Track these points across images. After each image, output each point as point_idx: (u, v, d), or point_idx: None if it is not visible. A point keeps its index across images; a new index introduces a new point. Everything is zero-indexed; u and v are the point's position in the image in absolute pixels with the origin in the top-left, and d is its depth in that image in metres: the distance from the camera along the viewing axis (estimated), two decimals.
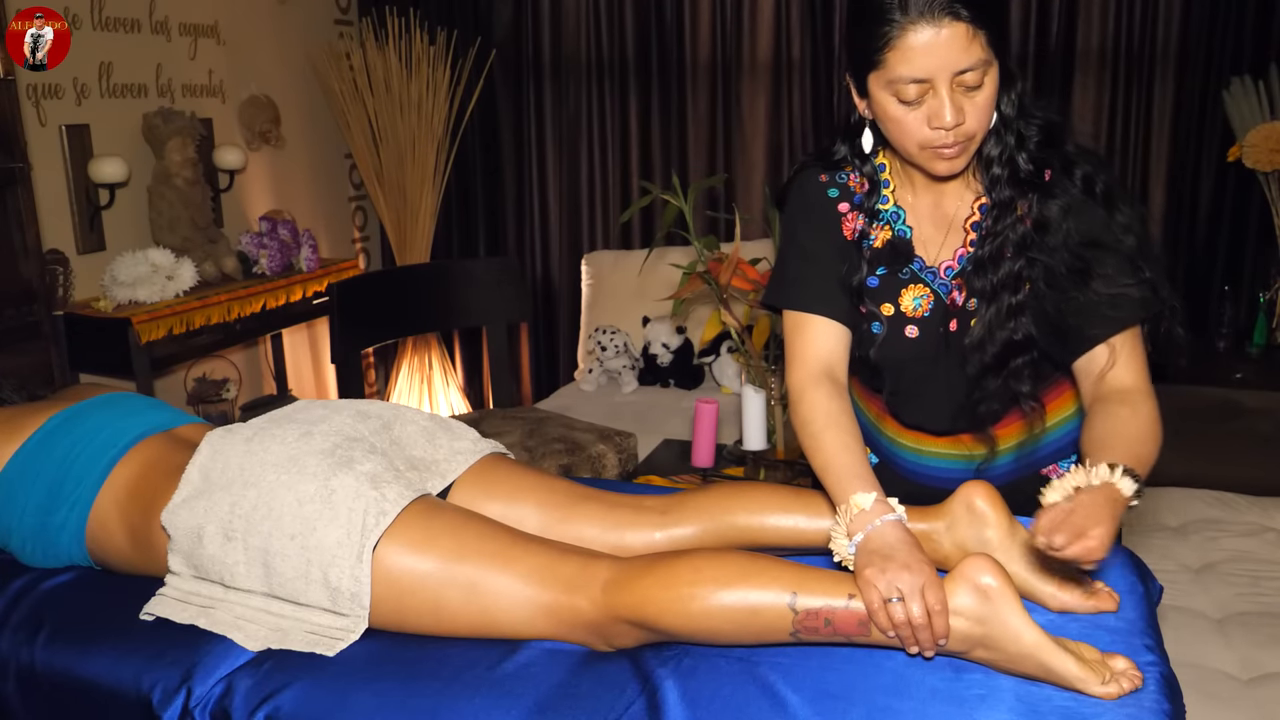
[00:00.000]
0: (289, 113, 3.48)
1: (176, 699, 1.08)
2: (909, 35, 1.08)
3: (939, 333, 1.28)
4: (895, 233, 1.28)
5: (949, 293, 1.27)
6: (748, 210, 3.57)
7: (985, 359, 1.22)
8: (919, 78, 1.10)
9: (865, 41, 1.12)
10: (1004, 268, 1.20)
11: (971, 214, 1.26)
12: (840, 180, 1.30)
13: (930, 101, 1.11)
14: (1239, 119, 3.01)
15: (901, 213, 1.29)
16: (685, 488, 1.39)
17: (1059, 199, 1.19)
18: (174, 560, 1.19)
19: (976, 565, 1.01)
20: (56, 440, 1.31)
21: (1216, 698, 1.74)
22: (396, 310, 3.02)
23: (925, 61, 1.08)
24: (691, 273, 2.17)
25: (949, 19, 1.07)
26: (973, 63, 1.09)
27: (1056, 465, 1.36)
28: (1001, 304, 1.20)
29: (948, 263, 1.27)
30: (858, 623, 1.02)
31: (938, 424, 1.36)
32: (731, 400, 2.83)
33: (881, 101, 1.15)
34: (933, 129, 1.13)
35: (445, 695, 1.04)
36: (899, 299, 1.28)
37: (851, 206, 1.29)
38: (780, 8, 3.45)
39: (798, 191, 1.33)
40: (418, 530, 1.13)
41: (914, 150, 1.17)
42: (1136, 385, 1.17)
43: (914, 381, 1.33)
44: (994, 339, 1.21)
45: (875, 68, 1.13)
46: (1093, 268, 1.17)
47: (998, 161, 1.20)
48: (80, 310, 2.58)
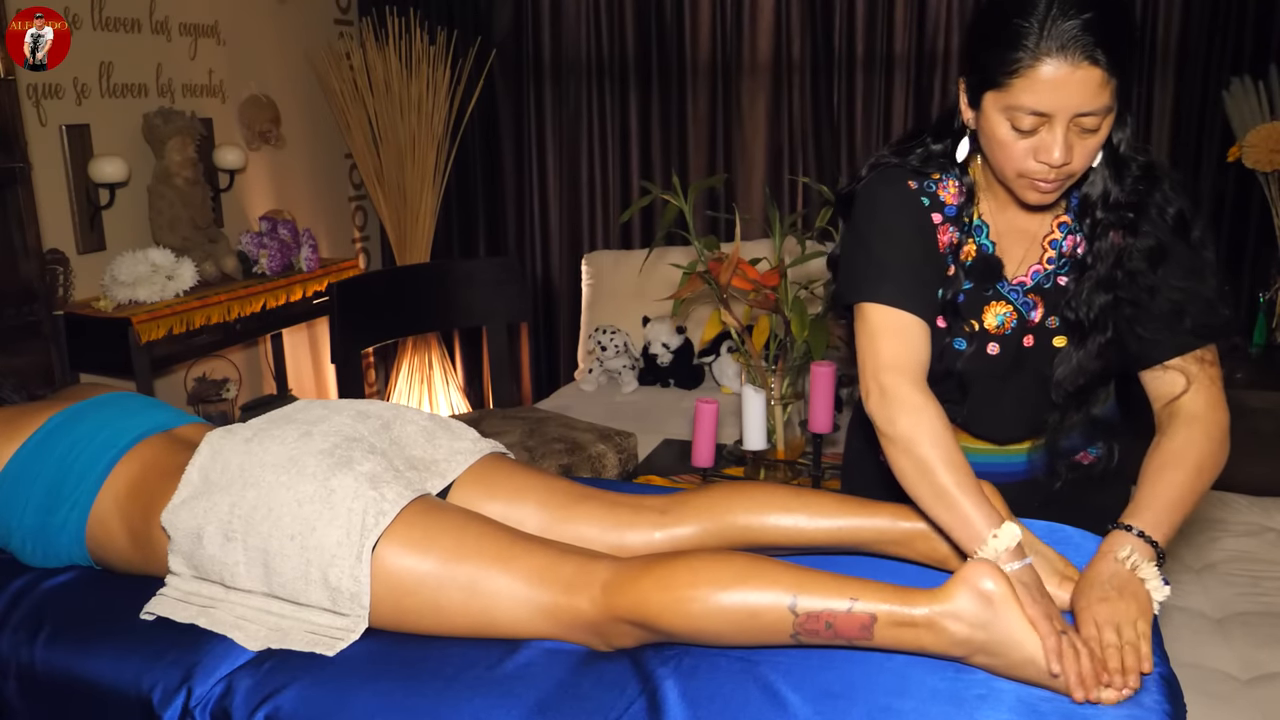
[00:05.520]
0: (289, 113, 3.48)
1: (177, 699, 1.07)
2: (1041, 68, 1.05)
3: (1016, 349, 1.27)
4: (979, 247, 1.26)
5: (1030, 310, 1.26)
6: (748, 210, 3.57)
7: (1071, 389, 1.23)
8: (1040, 111, 1.07)
9: (994, 60, 1.08)
10: (1096, 305, 1.19)
11: (1051, 231, 1.25)
12: (929, 188, 1.26)
13: (1043, 134, 1.09)
14: (1239, 119, 3.01)
15: (985, 226, 1.27)
16: (685, 488, 1.39)
17: (1151, 238, 1.18)
18: (174, 560, 1.19)
19: (978, 570, 1.01)
20: (56, 440, 1.31)
21: (1216, 698, 1.74)
22: (396, 310, 3.02)
23: (1051, 98, 1.06)
24: (691, 273, 2.17)
25: (1087, 62, 1.03)
26: (1097, 108, 1.06)
27: (1087, 451, 1.36)
28: (1093, 344, 1.20)
29: (1022, 279, 1.26)
30: (859, 626, 1.01)
31: (999, 434, 1.36)
32: (731, 400, 2.83)
33: (993, 122, 1.12)
34: (1038, 162, 1.10)
35: (445, 695, 1.03)
36: (983, 315, 1.27)
37: (944, 218, 1.26)
38: (780, 8, 3.45)
39: (889, 191, 1.27)
40: (417, 530, 1.13)
41: (1010, 176, 1.15)
42: (1207, 406, 1.18)
43: (980, 395, 1.31)
44: (1085, 371, 1.22)
45: (997, 88, 1.09)
46: (1182, 306, 1.17)
47: (1100, 204, 1.19)
48: (80, 310, 2.57)
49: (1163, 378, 1.21)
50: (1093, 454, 1.36)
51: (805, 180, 3.06)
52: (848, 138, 3.50)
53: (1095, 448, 1.36)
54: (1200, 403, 1.18)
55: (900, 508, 1.24)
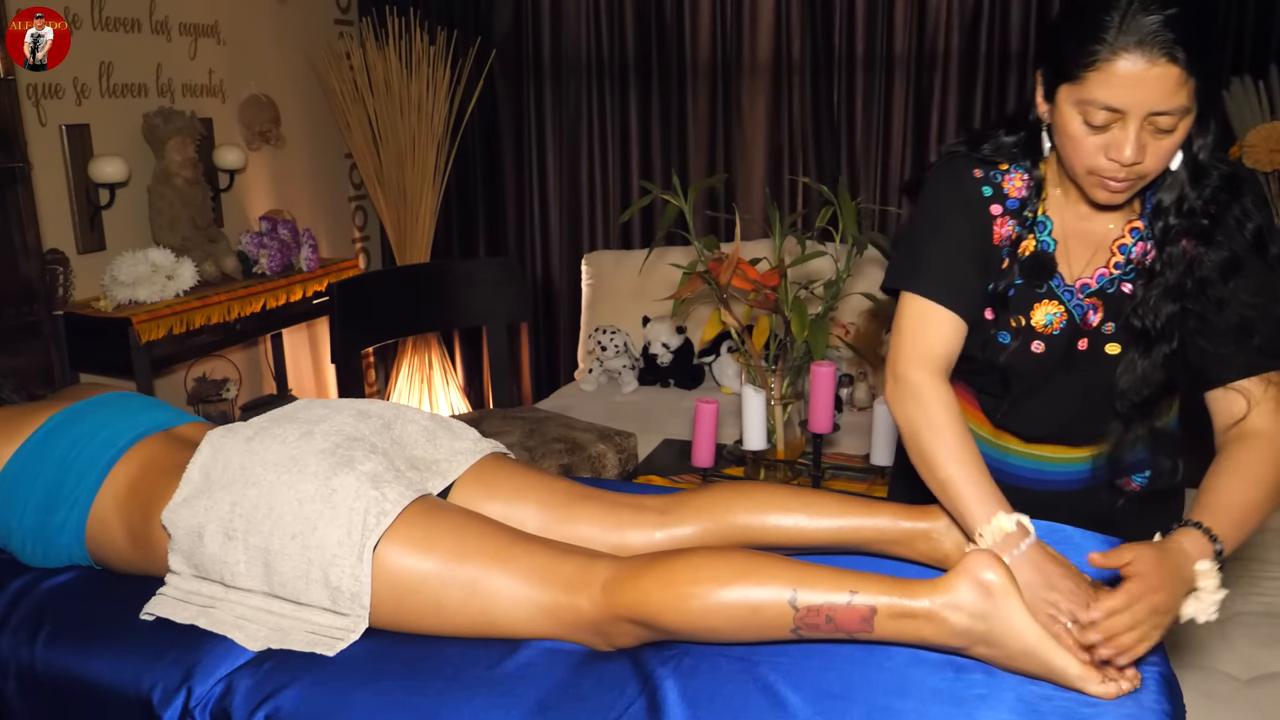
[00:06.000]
0: (289, 113, 3.48)
1: (177, 699, 1.08)
2: (1118, 61, 1.03)
3: (1065, 350, 1.25)
4: (1039, 244, 1.24)
5: (1084, 313, 1.24)
6: (748, 210, 3.57)
7: (1136, 401, 1.20)
8: (1114, 107, 1.05)
9: (1070, 52, 1.07)
10: (1163, 314, 1.16)
11: (1122, 236, 1.22)
12: (994, 179, 1.25)
13: (1115, 131, 1.07)
14: (1239, 119, 3.01)
15: (1049, 223, 1.24)
16: (685, 488, 1.39)
17: (1226, 250, 1.15)
18: (174, 559, 1.19)
19: (979, 560, 1.01)
20: (56, 440, 1.31)
21: (1216, 698, 1.74)
22: (396, 310, 3.02)
23: (1126, 94, 1.04)
24: (691, 273, 2.17)
25: (1165, 59, 1.01)
26: (1173, 108, 1.04)
27: (1130, 479, 1.33)
28: (1157, 354, 1.18)
29: (1086, 280, 1.23)
30: (859, 619, 1.02)
31: (1036, 431, 1.34)
32: (731, 400, 2.83)
33: (1065, 115, 1.10)
34: (1108, 159, 1.08)
35: (445, 695, 1.03)
36: (1031, 312, 1.25)
37: (1004, 210, 1.24)
38: (780, 8, 3.45)
39: (952, 180, 1.26)
40: (418, 530, 1.13)
41: (1080, 172, 1.13)
42: (1274, 423, 1.15)
43: (1023, 392, 1.30)
44: (1149, 382, 1.19)
45: (1072, 80, 1.07)
46: (1252, 323, 1.15)
47: (1174, 210, 1.16)
48: (80, 310, 2.57)
49: (1227, 399, 1.18)
50: (1136, 481, 1.33)
51: (805, 180, 3.06)
52: (848, 138, 3.50)
53: (1141, 475, 1.33)
54: (1266, 420, 1.15)
55: (901, 507, 1.24)
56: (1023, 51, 3.28)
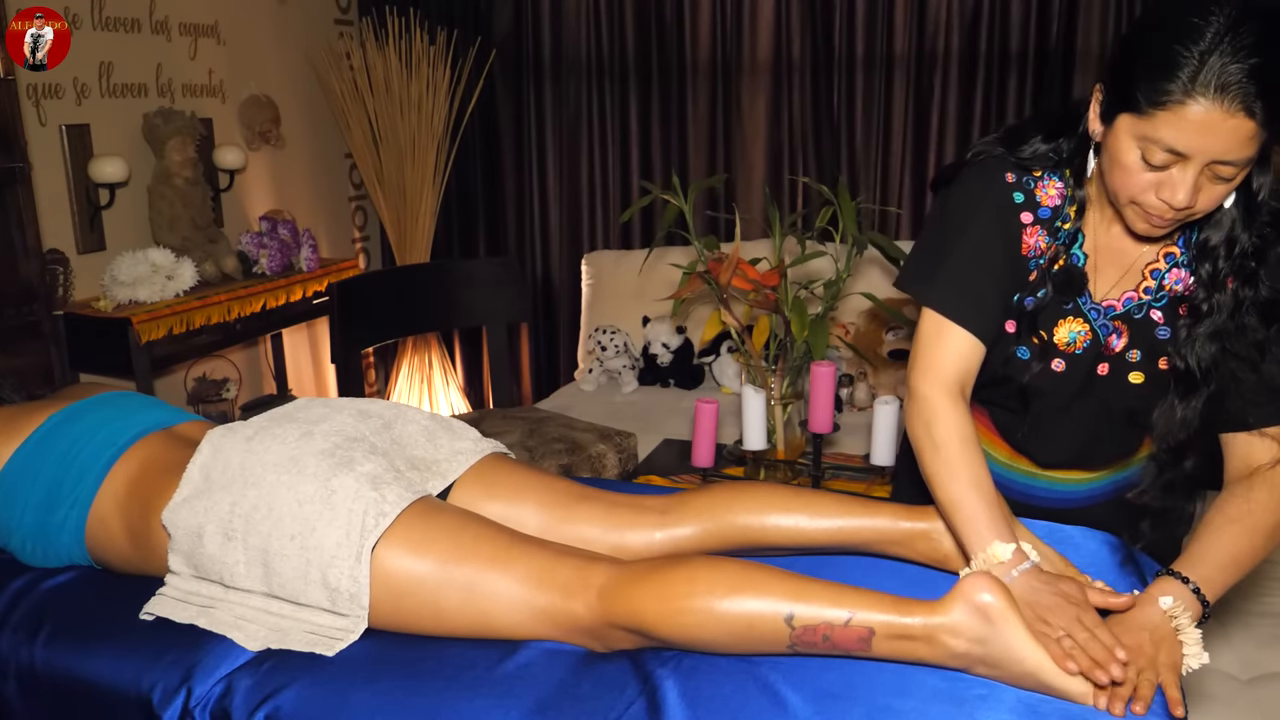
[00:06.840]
0: (289, 113, 3.48)
1: (176, 699, 1.07)
2: (1192, 105, 0.95)
3: (1086, 372, 1.21)
4: (1069, 258, 1.18)
5: (1108, 335, 1.19)
6: (748, 210, 3.57)
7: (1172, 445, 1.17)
8: (1178, 151, 0.98)
9: (1140, 83, 0.99)
10: (1209, 355, 1.11)
11: (1155, 260, 1.17)
12: (1027, 185, 1.18)
13: (1173, 172, 1.00)
14: None
15: (1081, 237, 1.18)
16: (685, 488, 1.39)
17: (1268, 290, 1.09)
18: (174, 559, 1.19)
19: (976, 583, 0.99)
20: (56, 439, 1.31)
21: (1216, 698, 1.74)
22: (396, 310, 3.02)
23: (1194, 140, 0.96)
24: (691, 273, 2.17)
25: (1243, 112, 0.94)
26: (1238, 159, 0.98)
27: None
28: (1199, 399, 1.13)
29: (1113, 302, 1.19)
30: (857, 639, 1.01)
31: (1054, 457, 1.31)
32: (731, 400, 2.83)
33: (1122, 145, 1.03)
34: (1159, 198, 1.02)
35: (445, 695, 1.03)
36: (1054, 329, 1.20)
37: (1035, 219, 1.18)
38: (780, 8, 3.45)
39: (981, 183, 1.19)
40: (416, 532, 1.13)
41: (1123, 200, 1.07)
42: None
43: (1041, 414, 1.26)
44: (1188, 426, 1.14)
45: (1137, 112, 1.00)
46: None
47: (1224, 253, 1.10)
48: (80, 310, 2.57)
49: (1253, 443, 1.13)
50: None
51: (805, 180, 3.06)
52: (848, 138, 3.50)
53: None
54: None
55: (901, 507, 1.24)
56: (1023, 51, 3.28)
